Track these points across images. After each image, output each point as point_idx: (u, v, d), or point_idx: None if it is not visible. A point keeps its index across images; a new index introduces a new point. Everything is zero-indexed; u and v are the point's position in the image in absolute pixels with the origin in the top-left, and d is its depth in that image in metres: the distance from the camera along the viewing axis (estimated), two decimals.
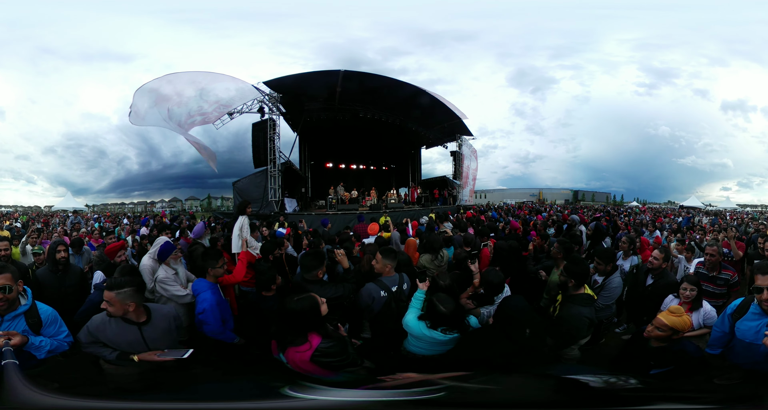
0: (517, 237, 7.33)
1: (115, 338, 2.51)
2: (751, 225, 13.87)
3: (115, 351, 2.52)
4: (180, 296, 3.93)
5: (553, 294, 4.21)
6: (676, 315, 2.66)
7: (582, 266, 3.56)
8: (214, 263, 3.67)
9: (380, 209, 16.73)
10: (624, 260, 5.48)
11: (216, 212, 27.05)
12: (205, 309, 3.40)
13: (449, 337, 2.83)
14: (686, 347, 2.71)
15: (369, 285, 3.58)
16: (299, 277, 3.68)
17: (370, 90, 16.22)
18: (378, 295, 3.48)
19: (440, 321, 2.85)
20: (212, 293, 3.53)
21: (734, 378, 2.76)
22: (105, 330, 2.51)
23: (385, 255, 3.65)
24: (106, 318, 2.52)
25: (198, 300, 3.52)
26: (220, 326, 3.45)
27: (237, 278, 4.06)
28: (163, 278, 3.96)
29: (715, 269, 4.46)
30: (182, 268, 4.30)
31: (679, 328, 2.64)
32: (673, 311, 2.70)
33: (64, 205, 30.12)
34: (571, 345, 3.42)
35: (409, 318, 3.00)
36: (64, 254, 4.32)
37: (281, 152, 15.86)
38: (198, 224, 6.77)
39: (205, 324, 3.40)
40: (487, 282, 3.57)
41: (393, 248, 3.87)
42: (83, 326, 2.59)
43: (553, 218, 12.19)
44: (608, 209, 25.82)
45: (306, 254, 3.81)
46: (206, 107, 12.75)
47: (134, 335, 2.54)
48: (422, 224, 9.57)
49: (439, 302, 2.87)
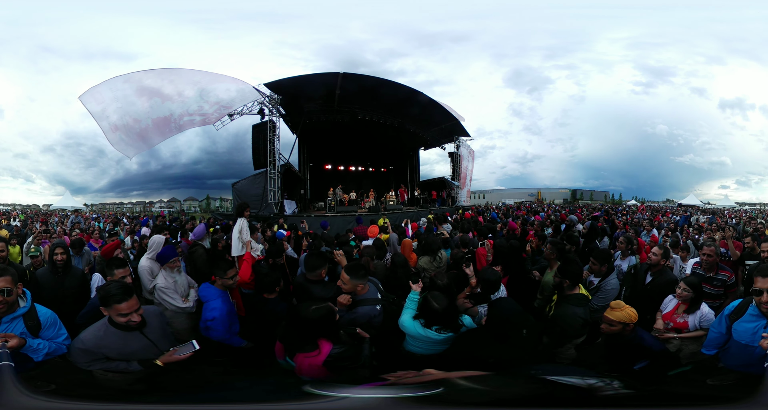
0: (515, 238, 7.31)
1: (123, 349, 2.43)
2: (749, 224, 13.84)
3: (128, 362, 2.45)
4: (181, 307, 3.90)
5: (546, 295, 4.26)
6: (618, 309, 2.87)
7: (575, 266, 3.63)
8: (222, 273, 3.60)
9: (379, 210, 16.73)
10: (622, 260, 5.42)
11: (215, 213, 27.02)
12: (215, 318, 3.37)
13: (444, 336, 2.89)
14: (644, 341, 2.89)
15: (360, 310, 3.21)
16: (302, 277, 3.71)
17: (368, 92, 16.22)
18: (375, 312, 3.27)
19: (433, 319, 2.90)
20: (223, 302, 3.49)
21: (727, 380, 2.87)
22: (108, 345, 2.40)
23: (353, 275, 3.20)
24: (98, 333, 2.42)
25: (207, 307, 3.47)
26: (227, 332, 3.43)
27: (243, 279, 4.02)
28: (162, 287, 3.89)
29: (712, 269, 4.36)
30: (182, 276, 4.19)
31: (625, 321, 2.83)
32: (614, 306, 2.90)
33: (62, 204, 30.06)
34: (567, 345, 3.47)
35: (404, 319, 3.05)
36: (61, 258, 4.24)
37: (281, 153, 15.88)
38: (199, 226, 6.74)
39: (213, 330, 3.38)
40: (484, 280, 3.65)
41: (361, 264, 3.60)
42: (75, 338, 2.49)
43: (551, 218, 12.16)
44: (606, 208, 25.81)
45: (309, 254, 3.86)
46: (207, 107, 12.76)
47: (140, 341, 2.49)
48: (421, 225, 9.57)
49: (432, 299, 2.93)
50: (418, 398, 1.85)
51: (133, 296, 2.43)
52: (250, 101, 14.44)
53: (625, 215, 19.38)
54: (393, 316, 3.26)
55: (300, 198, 20.00)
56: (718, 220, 15.36)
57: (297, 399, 1.96)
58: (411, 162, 25.92)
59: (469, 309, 3.49)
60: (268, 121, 14.93)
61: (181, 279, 4.11)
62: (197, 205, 51.02)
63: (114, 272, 3.44)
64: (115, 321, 2.41)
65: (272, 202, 15.09)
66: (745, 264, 5.33)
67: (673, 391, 2.35)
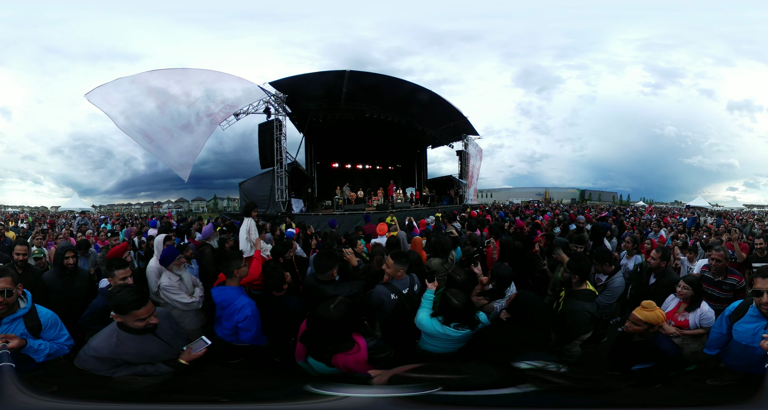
0: (522, 236, 7.41)
1: (141, 352, 2.40)
2: (756, 226, 13.73)
3: (153, 364, 2.43)
4: (186, 303, 3.84)
5: (557, 290, 4.33)
6: (648, 309, 2.83)
7: (584, 261, 3.69)
8: (238, 262, 3.46)
9: (387, 209, 16.67)
10: (628, 259, 5.51)
11: (223, 213, 27.11)
12: (248, 316, 3.22)
13: (462, 334, 2.91)
14: (661, 344, 2.86)
15: (379, 288, 3.47)
16: (312, 278, 3.64)
17: (375, 90, 16.16)
18: (388, 298, 3.39)
19: (453, 316, 2.91)
20: (249, 299, 3.37)
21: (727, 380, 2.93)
22: (125, 350, 2.36)
23: (397, 260, 3.47)
24: (112, 339, 2.35)
25: (234, 309, 3.28)
26: (260, 331, 3.33)
27: (254, 276, 3.90)
28: (166, 285, 3.84)
29: (721, 273, 4.31)
30: (187, 273, 4.17)
31: (653, 322, 2.81)
32: (645, 306, 2.86)
33: (70, 206, 30.29)
34: (574, 341, 3.52)
35: (422, 316, 3.05)
36: (72, 261, 4.24)
37: (287, 152, 15.84)
38: (207, 226, 6.65)
39: (247, 330, 3.26)
40: (498, 276, 3.74)
41: (404, 252, 3.78)
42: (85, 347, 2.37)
43: (559, 218, 12.08)
44: (614, 209, 25.71)
45: (320, 255, 3.74)
46: (213, 107, 12.71)
47: (156, 343, 2.46)
48: (429, 223, 9.52)
49: (452, 295, 2.94)
50: (416, 398, 1.87)
51: (149, 300, 2.42)
52: (256, 100, 14.37)
53: (632, 215, 19.28)
54: (407, 314, 3.25)
55: (307, 197, 20.00)
56: (725, 222, 15.41)
57: (297, 398, 1.98)
58: (418, 160, 25.92)
59: (484, 305, 3.53)
60: (274, 120, 14.88)
61: (186, 276, 4.09)
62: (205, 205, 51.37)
63: (114, 273, 3.34)
64: (130, 326, 2.35)
65: (279, 201, 15.06)
66: (752, 267, 5.31)
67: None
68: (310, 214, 15.61)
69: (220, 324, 3.46)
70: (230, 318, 3.30)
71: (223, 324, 3.40)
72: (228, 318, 3.32)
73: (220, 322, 3.46)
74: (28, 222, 16.99)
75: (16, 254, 4.50)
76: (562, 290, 3.82)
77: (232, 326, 3.31)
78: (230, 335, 3.36)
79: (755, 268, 5.05)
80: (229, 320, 3.31)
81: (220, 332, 3.42)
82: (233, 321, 3.28)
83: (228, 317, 3.32)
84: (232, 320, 3.28)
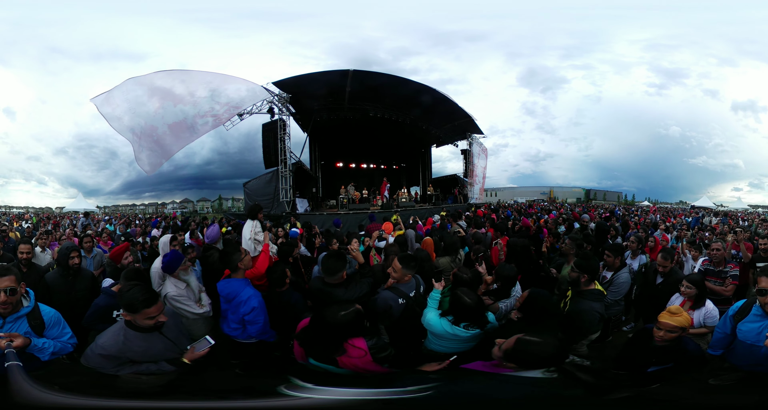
0: (528, 235, 7.41)
1: (147, 351, 2.41)
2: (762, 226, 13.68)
3: (156, 363, 2.44)
4: (199, 313, 3.69)
5: (564, 289, 4.31)
6: (678, 315, 2.74)
7: (593, 260, 3.65)
8: (238, 255, 3.39)
9: (391, 208, 16.61)
10: (632, 259, 5.53)
11: (227, 213, 27.13)
12: (255, 307, 3.19)
13: (471, 333, 2.84)
14: (687, 345, 2.78)
15: (384, 293, 3.32)
16: (319, 282, 3.50)
17: (379, 89, 16.14)
18: (396, 303, 3.26)
19: (464, 315, 2.85)
20: (254, 289, 3.32)
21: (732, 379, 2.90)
22: (132, 348, 2.37)
23: (405, 264, 3.29)
24: (119, 337, 2.36)
25: (241, 300, 3.23)
26: (267, 324, 3.28)
27: (260, 270, 3.86)
28: (174, 295, 3.59)
29: (721, 263, 4.57)
30: (194, 278, 3.91)
31: (685, 326, 2.73)
32: (674, 312, 2.77)
33: (75, 206, 30.25)
34: (582, 341, 3.47)
35: (430, 316, 2.98)
36: (77, 261, 4.23)
37: (292, 152, 15.83)
38: (212, 227, 6.41)
39: (254, 323, 3.22)
40: (502, 276, 3.69)
41: (413, 256, 3.63)
42: (92, 345, 2.39)
43: (563, 216, 12.03)
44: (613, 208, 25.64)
45: (328, 255, 3.54)
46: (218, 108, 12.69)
47: (162, 341, 2.47)
48: (435, 222, 9.49)
49: (463, 294, 2.88)
50: (407, 400, 1.87)
51: (159, 298, 2.45)
52: (260, 100, 14.38)
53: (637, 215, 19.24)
54: (416, 317, 3.18)
55: (312, 196, 20.00)
56: (730, 222, 15.59)
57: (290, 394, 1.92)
58: (423, 159, 25.75)
59: (490, 305, 3.47)
60: (278, 119, 14.89)
61: (193, 281, 3.86)
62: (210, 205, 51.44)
63: None
64: (140, 324, 2.37)
65: (284, 201, 15.04)
66: (756, 266, 5.30)
67: None
68: (314, 213, 15.59)
69: (226, 319, 3.42)
70: (236, 311, 3.26)
71: (229, 319, 3.37)
72: (234, 311, 3.29)
73: (226, 317, 3.42)
74: (32, 222, 16.99)
75: (19, 252, 4.51)
76: (569, 290, 3.77)
77: (238, 319, 3.27)
78: (237, 329, 3.32)
79: (759, 267, 5.10)
80: (236, 313, 3.27)
81: (227, 329, 3.38)
82: (239, 314, 3.24)
83: (234, 310, 3.29)
84: (239, 313, 3.24)
